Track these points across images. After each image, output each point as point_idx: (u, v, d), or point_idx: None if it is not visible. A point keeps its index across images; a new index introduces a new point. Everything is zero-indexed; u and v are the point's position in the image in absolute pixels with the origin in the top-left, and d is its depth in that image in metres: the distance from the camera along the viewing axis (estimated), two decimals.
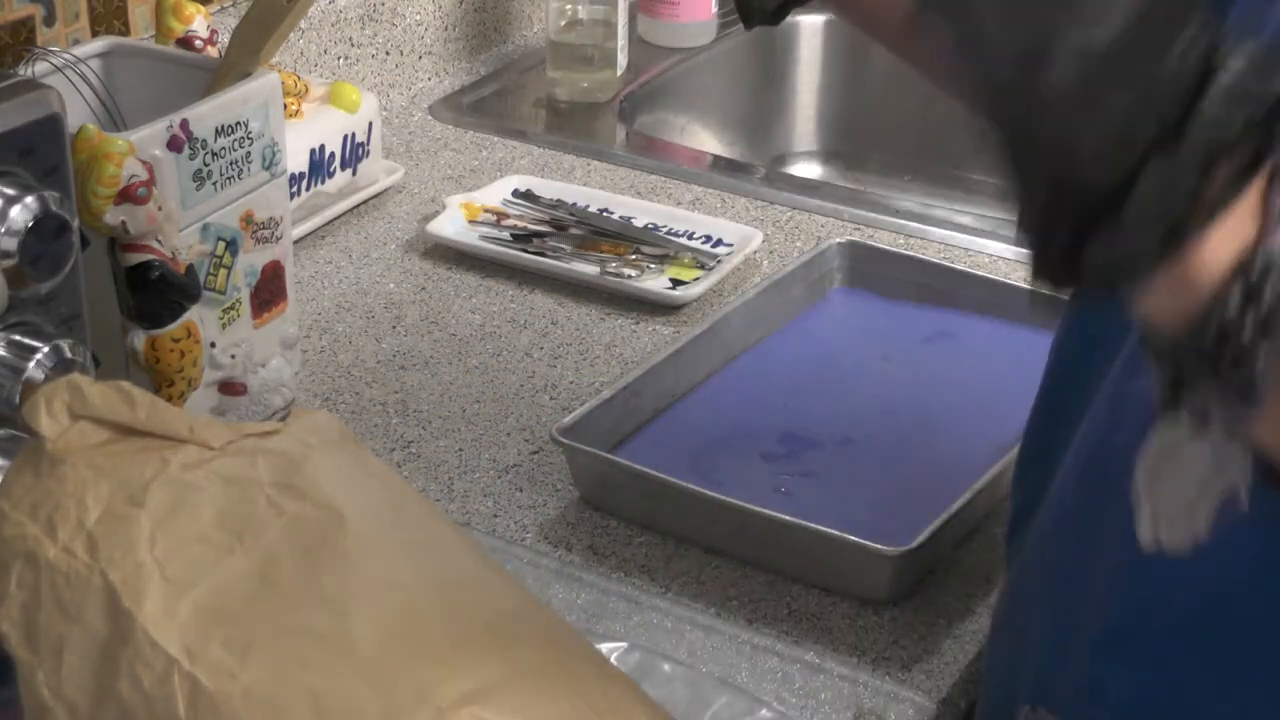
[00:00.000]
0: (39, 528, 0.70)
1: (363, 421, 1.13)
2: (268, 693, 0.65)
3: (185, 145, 1.02)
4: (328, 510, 0.71)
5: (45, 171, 0.87)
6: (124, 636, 0.66)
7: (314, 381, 1.18)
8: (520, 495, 1.06)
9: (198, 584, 0.68)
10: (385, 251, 1.36)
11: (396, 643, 0.66)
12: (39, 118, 0.87)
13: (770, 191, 1.47)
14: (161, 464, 0.72)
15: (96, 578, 0.68)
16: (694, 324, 1.23)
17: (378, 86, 1.57)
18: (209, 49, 1.16)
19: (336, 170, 1.38)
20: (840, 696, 0.91)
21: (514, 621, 0.71)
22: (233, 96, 1.05)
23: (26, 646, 0.68)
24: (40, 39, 1.24)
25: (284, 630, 0.66)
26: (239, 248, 1.08)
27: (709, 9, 1.74)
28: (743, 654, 0.93)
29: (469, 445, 1.11)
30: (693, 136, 1.74)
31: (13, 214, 0.85)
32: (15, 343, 0.88)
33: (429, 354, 1.22)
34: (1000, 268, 1.33)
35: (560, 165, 1.50)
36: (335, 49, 1.53)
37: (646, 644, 0.93)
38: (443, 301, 1.29)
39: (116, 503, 0.70)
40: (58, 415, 0.73)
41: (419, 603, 0.69)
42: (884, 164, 1.82)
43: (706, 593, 0.98)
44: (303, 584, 0.68)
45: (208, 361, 1.06)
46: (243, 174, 1.06)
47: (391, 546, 0.72)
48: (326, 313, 1.27)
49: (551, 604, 0.95)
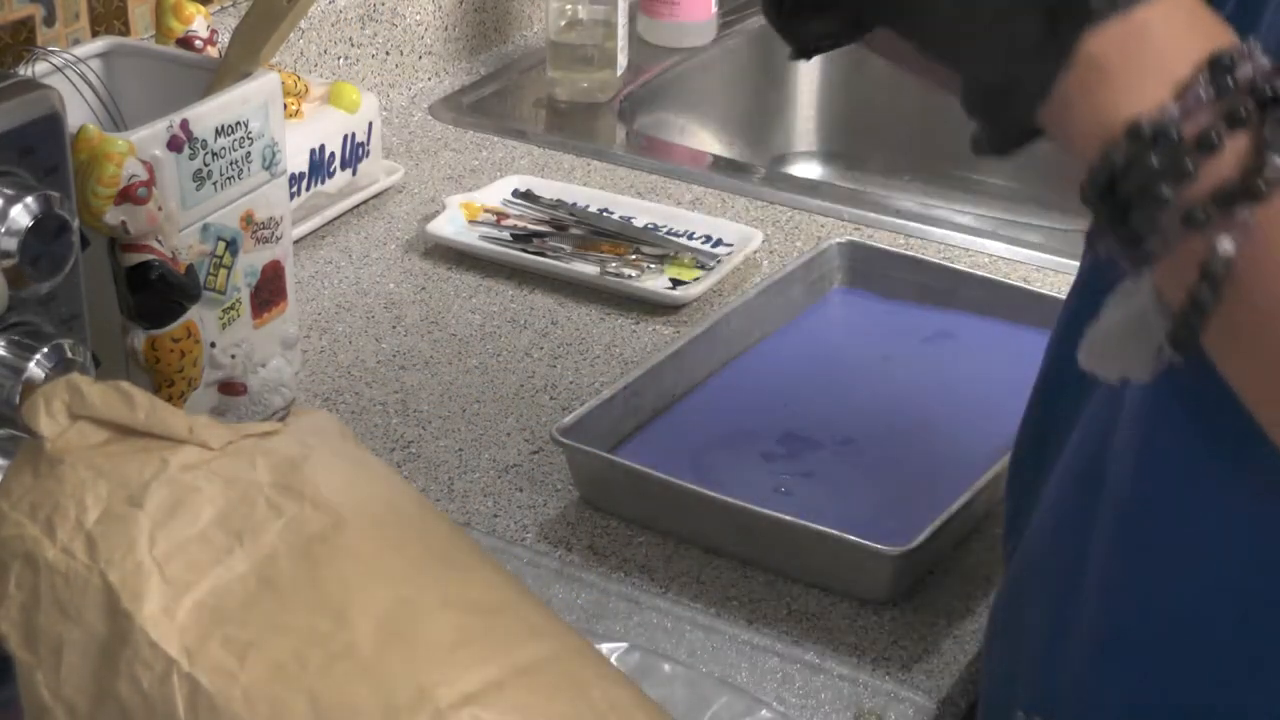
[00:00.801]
0: (38, 528, 0.70)
1: (363, 421, 1.13)
2: (267, 693, 0.65)
3: (185, 145, 1.02)
4: (327, 511, 0.71)
5: (45, 171, 0.87)
6: (123, 637, 0.66)
7: (314, 381, 1.18)
8: (520, 495, 1.06)
9: (197, 584, 0.68)
10: (385, 251, 1.36)
11: (396, 643, 0.66)
12: (39, 118, 0.87)
13: (770, 191, 1.47)
14: (161, 464, 0.72)
15: (95, 578, 0.68)
16: (694, 324, 1.23)
17: (378, 86, 1.57)
18: (209, 49, 1.16)
19: (336, 170, 1.38)
20: (840, 696, 0.91)
21: (514, 621, 0.71)
22: (233, 96, 1.05)
23: (26, 647, 0.68)
24: (40, 39, 1.24)
25: (283, 631, 0.66)
26: (239, 248, 1.08)
27: (709, 9, 1.74)
28: (743, 654, 0.93)
29: (469, 445, 1.11)
30: (693, 136, 1.74)
31: (13, 214, 0.85)
32: (15, 343, 0.88)
33: (429, 354, 1.22)
34: (1000, 268, 1.33)
35: (560, 165, 1.50)
36: (335, 49, 1.53)
37: (646, 644, 0.93)
38: (443, 301, 1.29)
39: (116, 503, 0.70)
40: (57, 415, 0.73)
41: (419, 603, 0.69)
42: (884, 164, 1.82)
43: (706, 593, 0.98)
44: (302, 584, 0.68)
45: (208, 361, 1.06)
46: (243, 174, 1.06)
47: (391, 547, 0.72)
48: (326, 313, 1.27)
49: (551, 604, 0.95)
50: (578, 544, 1.02)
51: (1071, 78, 0.58)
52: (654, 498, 1.02)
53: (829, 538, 0.97)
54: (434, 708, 0.64)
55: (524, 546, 1.02)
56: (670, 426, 1.12)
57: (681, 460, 1.07)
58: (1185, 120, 0.56)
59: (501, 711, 0.65)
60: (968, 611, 0.97)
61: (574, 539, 1.02)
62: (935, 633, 0.96)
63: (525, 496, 1.06)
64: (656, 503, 1.02)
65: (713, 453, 1.10)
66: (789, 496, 1.05)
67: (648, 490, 1.02)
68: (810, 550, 0.98)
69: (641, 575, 1.00)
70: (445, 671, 0.66)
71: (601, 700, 0.68)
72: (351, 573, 0.69)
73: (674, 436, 1.11)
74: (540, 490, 1.07)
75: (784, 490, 1.06)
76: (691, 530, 1.02)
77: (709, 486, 1.01)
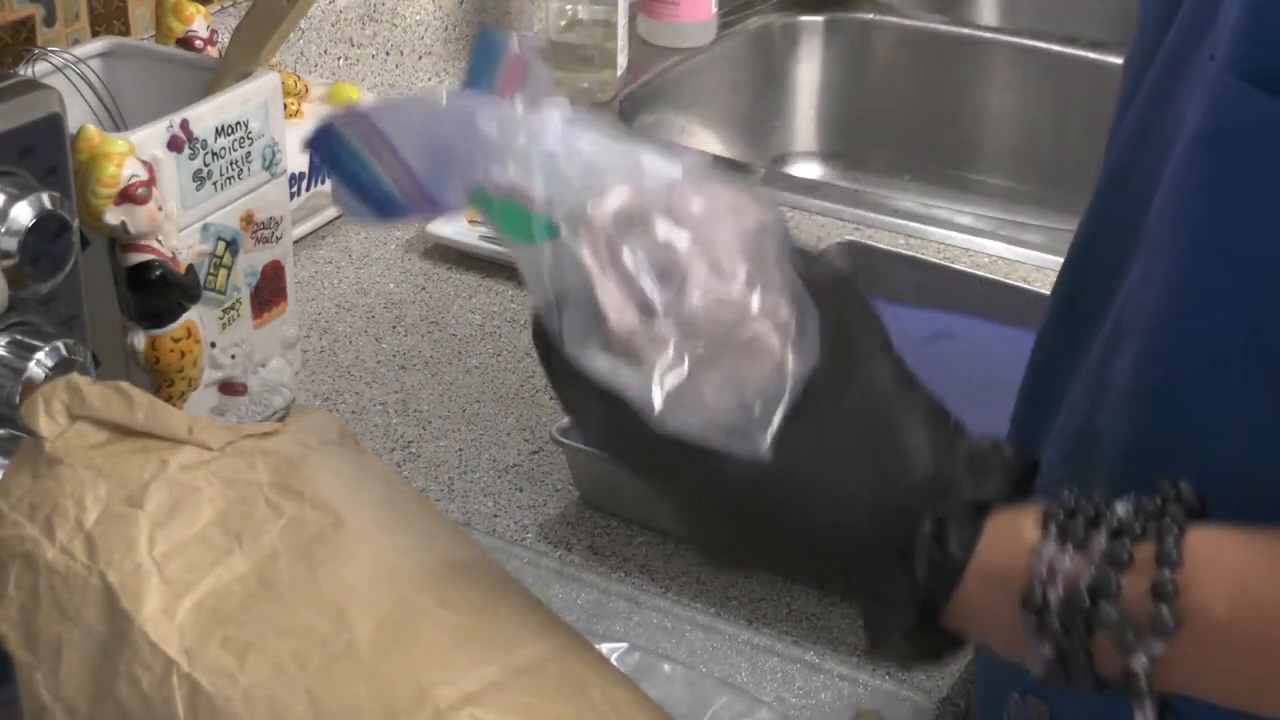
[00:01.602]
0: (37, 528, 0.70)
1: (363, 421, 1.13)
2: (267, 694, 0.65)
3: (185, 145, 1.01)
4: (327, 511, 0.71)
5: (45, 171, 0.87)
6: (123, 637, 0.66)
7: (314, 381, 1.18)
8: (520, 495, 1.06)
9: (196, 585, 0.68)
10: (385, 251, 1.36)
11: (395, 643, 0.66)
12: (39, 118, 0.87)
13: (770, 191, 1.46)
14: (160, 465, 0.72)
15: (95, 579, 0.68)
16: None
17: (378, 86, 1.57)
18: (209, 49, 1.16)
19: None
20: (840, 696, 0.91)
21: (514, 622, 0.71)
22: (233, 96, 1.05)
23: (25, 647, 0.68)
24: (40, 39, 1.23)
25: (283, 631, 0.66)
26: (239, 248, 1.07)
27: (709, 9, 1.74)
28: (743, 654, 0.93)
29: (469, 445, 1.11)
30: (693, 136, 1.74)
31: (13, 214, 0.85)
32: (15, 343, 0.88)
33: (429, 354, 1.22)
34: (1000, 268, 1.33)
35: None
36: (335, 49, 1.53)
37: (646, 644, 0.93)
38: (443, 301, 1.29)
39: (115, 503, 0.70)
40: (56, 415, 0.73)
41: (418, 603, 0.69)
42: (884, 164, 1.82)
43: (706, 593, 0.98)
44: (302, 585, 0.68)
45: (208, 361, 1.06)
46: (243, 174, 1.06)
47: (390, 547, 0.72)
48: (326, 313, 1.27)
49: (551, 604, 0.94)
50: (578, 544, 1.02)
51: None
52: (654, 498, 1.02)
53: None
54: (434, 708, 0.64)
55: (524, 546, 1.02)
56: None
57: None
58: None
59: (501, 712, 0.65)
60: None
61: (574, 539, 1.02)
62: None
63: (525, 496, 1.06)
64: (656, 503, 1.02)
65: None
66: None
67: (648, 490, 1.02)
68: None
69: (641, 575, 1.00)
70: (445, 672, 0.66)
71: (601, 700, 0.68)
72: (351, 573, 0.69)
73: None
74: (540, 490, 1.07)
75: None
76: None
77: None
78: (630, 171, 0.59)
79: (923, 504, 0.61)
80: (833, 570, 0.63)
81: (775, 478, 0.61)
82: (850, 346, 0.62)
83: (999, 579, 0.61)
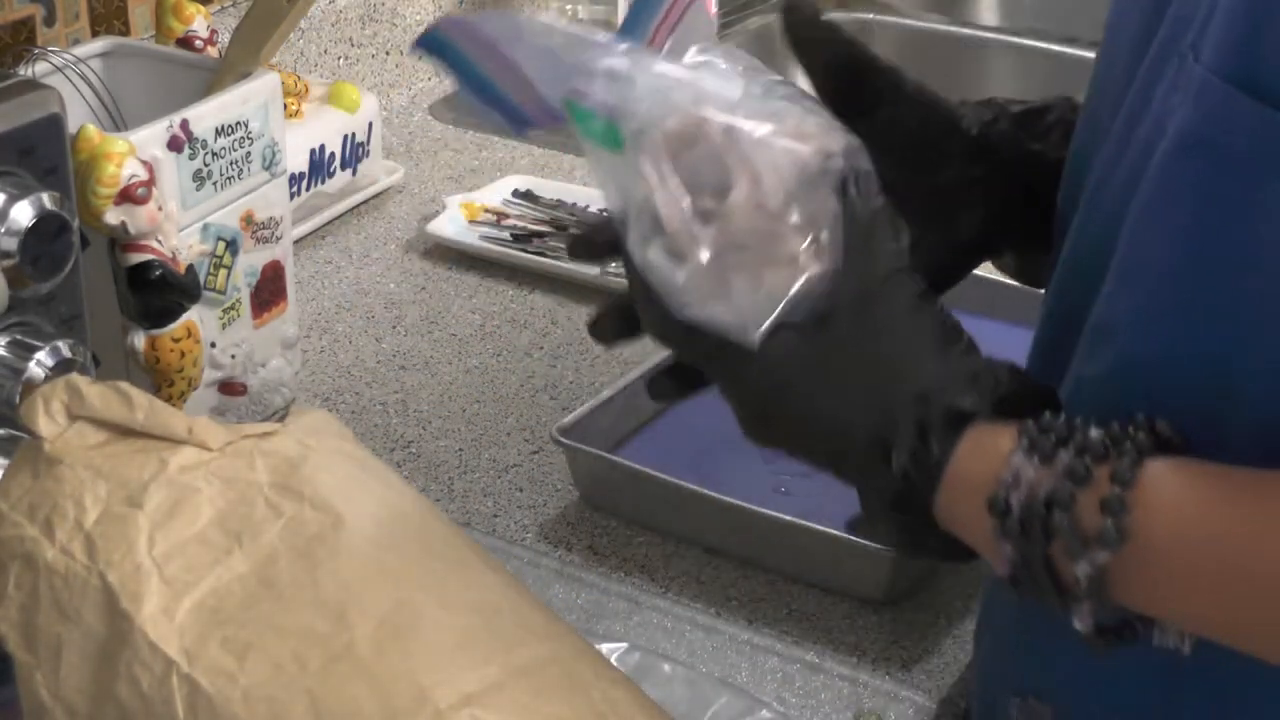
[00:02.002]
0: (37, 528, 0.70)
1: (363, 421, 1.13)
2: (266, 694, 0.65)
3: (185, 145, 1.02)
4: (326, 511, 0.71)
5: (45, 171, 0.88)
6: (122, 638, 0.66)
7: (314, 381, 1.18)
8: (520, 495, 1.06)
9: (196, 585, 0.68)
10: (385, 251, 1.36)
11: (395, 643, 0.66)
12: (39, 118, 0.87)
13: None
14: (160, 465, 0.72)
15: (95, 579, 0.68)
16: None
17: (378, 86, 1.57)
18: (209, 49, 1.16)
19: (336, 170, 1.38)
20: (840, 696, 0.91)
21: (514, 622, 0.71)
22: (233, 96, 1.05)
23: (25, 647, 0.68)
24: (40, 39, 1.24)
25: (283, 631, 0.66)
26: (239, 248, 1.08)
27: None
28: (743, 654, 0.93)
29: (469, 445, 1.11)
30: None
31: (13, 214, 0.85)
32: (15, 342, 0.88)
33: (429, 354, 1.22)
34: None
35: (560, 165, 1.50)
36: (335, 49, 1.53)
37: (646, 644, 0.93)
38: (443, 301, 1.29)
39: (115, 504, 0.70)
40: (56, 416, 0.73)
41: (418, 603, 0.69)
42: None
43: (706, 593, 0.98)
44: (301, 585, 0.68)
45: (208, 361, 1.06)
46: (243, 174, 1.06)
47: (391, 547, 0.72)
48: (326, 313, 1.27)
49: (551, 604, 0.94)
50: (578, 544, 1.02)
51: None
52: (654, 498, 1.02)
53: (829, 538, 0.97)
54: (433, 708, 0.64)
55: (524, 546, 1.01)
56: (670, 426, 1.12)
57: (681, 460, 1.07)
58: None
59: (501, 712, 0.65)
60: (967, 611, 0.97)
61: (574, 539, 1.02)
62: (935, 633, 0.96)
63: (525, 496, 1.06)
64: (656, 503, 1.02)
65: (713, 453, 1.09)
66: (789, 496, 1.05)
67: (648, 490, 1.02)
68: (810, 550, 0.98)
69: (641, 575, 1.00)
70: (444, 672, 0.66)
71: (601, 700, 0.68)
72: (351, 573, 0.69)
73: (674, 436, 1.11)
74: (540, 490, 1.07)
75: (784, 490, 1.06)
76: (691, 530, 1.02)
77: (709, 486, 1.01)
78: (696, 96, 0.67)
79: (909, 412, 0.66)
80: (835, 462, 0.70)
81: (791, 380, 0.68)
82: (873, 265, 0.68)
83: (974, 485, 0.65)
